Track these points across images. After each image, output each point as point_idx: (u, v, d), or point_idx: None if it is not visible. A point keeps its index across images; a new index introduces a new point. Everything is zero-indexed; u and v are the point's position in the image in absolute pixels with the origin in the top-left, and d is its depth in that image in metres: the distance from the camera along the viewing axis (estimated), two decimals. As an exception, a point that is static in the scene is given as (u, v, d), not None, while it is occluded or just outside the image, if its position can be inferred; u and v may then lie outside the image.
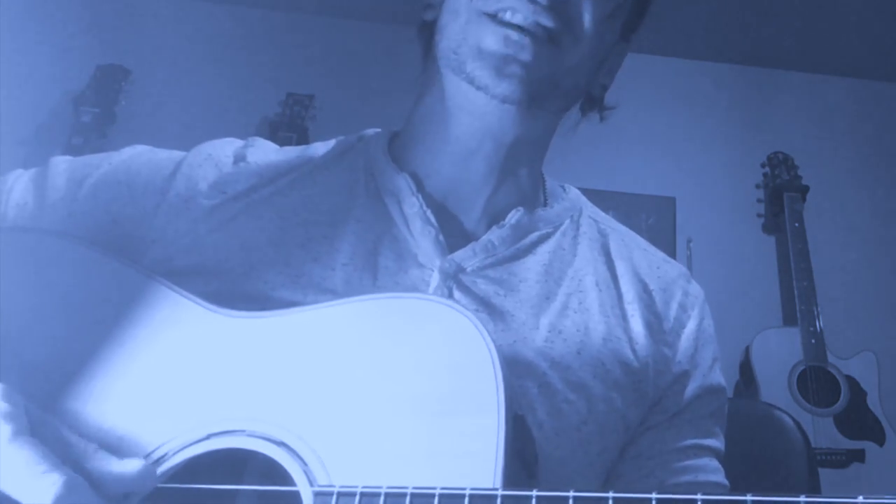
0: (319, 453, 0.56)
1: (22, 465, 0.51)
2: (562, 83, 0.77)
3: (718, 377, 0.82)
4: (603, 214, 0.88)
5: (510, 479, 0.53)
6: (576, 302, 0.78)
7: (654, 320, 0.79)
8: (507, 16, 0.72)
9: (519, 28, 0.72)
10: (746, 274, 2.81)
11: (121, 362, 0.62)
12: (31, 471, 0.51)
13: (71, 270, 0.68)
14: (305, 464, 0.56)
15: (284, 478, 0.57)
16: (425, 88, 0.82)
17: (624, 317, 0.78)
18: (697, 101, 3.06)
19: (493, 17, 0.73)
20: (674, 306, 0.81)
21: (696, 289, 0.84)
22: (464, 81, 0.74)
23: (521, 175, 0.82)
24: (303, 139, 2.59)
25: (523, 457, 0.59)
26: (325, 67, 2.89)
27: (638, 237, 0.88)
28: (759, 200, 2.87)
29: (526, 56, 0.72)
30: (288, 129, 2.60)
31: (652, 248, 0.87)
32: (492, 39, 0.72)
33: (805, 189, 2.73)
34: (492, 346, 0.57)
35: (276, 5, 2.93)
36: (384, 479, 0.53)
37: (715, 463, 0.79)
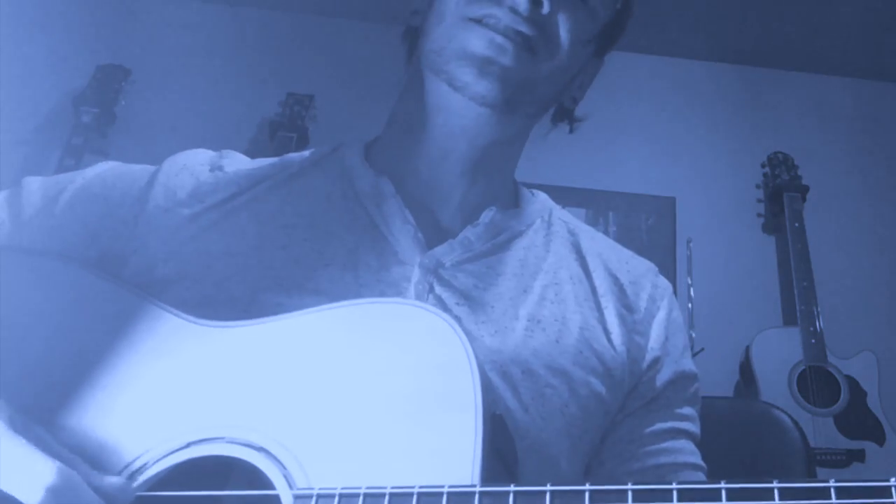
0: (299, 457, 0.57)
1: (13, 457, 0.52)
2: (536, 90, 0.80)
3: (690, 364, 0.86)
4: (571, 216, 0.93)
5: (490, 478, 0.54)
6: (552, 293, 0.81)
7: (625, 311, 0.83)
8: (492, 22, 0.76)
9: (504, 31, 0.76)
10: (746, 274, 2.81)
11: (101, 374, 0.63)
12: (22, 462, 0.51)
13: (51, 286, 0.69)
14: (285, 468, 0.57)
15: (268, 484, 0.57)
16: (405, 92, 0.86)
17: (598, 308, 0.82)
18: (697, 101, 3.06)
19: (479, 22, 0.76)
20: (644, 297, 0.85)
21: (663, 282, 0.89)
22: (443, 82, 0.78)
23: (494, 177, 0.86)
24: (303, 139, 2.60)
25: (503, 456, 0.60)
26: (325, 67, 2.89)
27: (605, 237, 0.93)
28: (759, 200, 2.87)
29: (507, 60, 0.76)
30: (288, 129, 2.60)
31: (619, 246, 0.91)
32: (477, 42, 0.76)
33: (805, 189, 2.73)
34: (468, 347, 0.58)
35: (276, 5, 2.93)
36: (364, 480, 0.54)
37: (691, 445, 0.83)
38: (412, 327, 0.60)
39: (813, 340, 2.45)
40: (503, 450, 0.60)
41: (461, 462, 0.54)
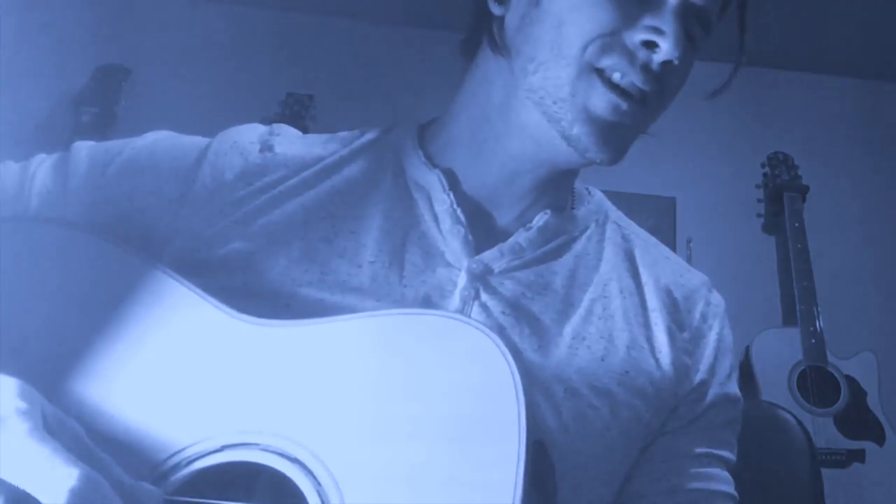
0: (334, 473, 0.55)
1: (38, 459, 0.50)
2: (640, 133, 0.77)
3: (735, 387, 0.82)
4: (626, 219, 0.88)
5: None
6: (600, 308, 0.77)
7: (676, 329, 0.79)
8: (616, 77, 0.70)
9: (623, 93, 0.71)
10: (746, 274, 2.81)
11: (139, 365, 0.62)
12: (46, 465, 0.50)
13: (92, 268, 0.66)
14: (319, 483, 0.55)
15: (295, 495, 0.56)
16: (479, 89, 0.79)
17: (647, 325, 0.78)
18: (697, 101, 3.06)
19: (602, 75, 0.71)
20: (696, 315, 0.81)
21: (717, 298, 0.85)
22: (553, 128, 0.73)
23: (562, 187, 0.83)
24: (303, 139, 2.59)
25: (542, 486, 0.58)
26: (325, 67, 2.89)
27: (660, 244, 0.88)
28: (759, 200, 2.86)
29: (626, 121, 0.72)
30: (288, 129, 2.59)
31: (674, 256, 0.87)
32: (600, 103, 0.71)
33: (805, 189, 2.73)
34: (515, 370, 0.55)
35: (277, 5, 2.93)
36: None
37: (726, 474, 0.79)
38: (458, 344, 0.57)
39: (813, 340, 2.45)
40: (542, 479, 0.58)
41: (501, 494, 0.52)
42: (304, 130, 2.86)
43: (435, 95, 1.04)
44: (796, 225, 2.62)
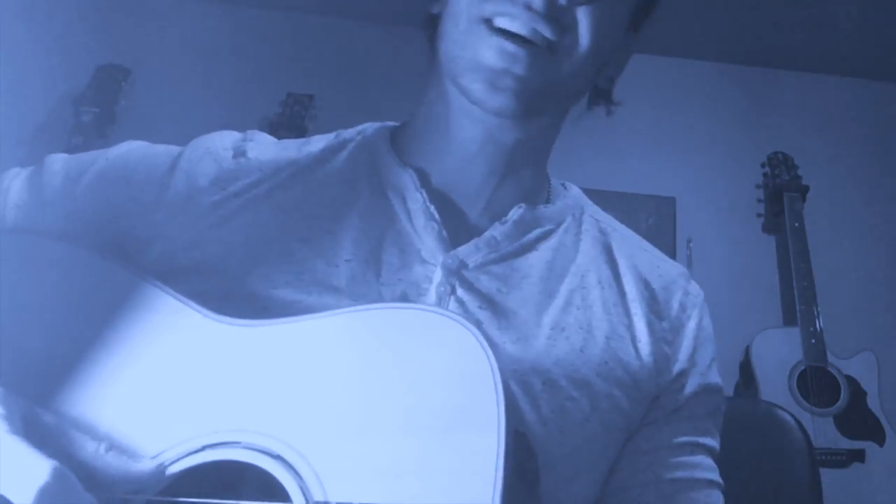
0: (316, 468, 0.56)
1: (9, 460, 0.51)
2: (560, 91, 0.76)
3: (716, 377, 0.82)
4: (603, 213, 0.88)
5: (510, 498, 0.52)
6: (578, 298, 0.78)
7: (655, 319, 0.79)
8: (504, 22, 0.70)
9: (515, 37, 0.70)
10: (746, 274, 2.81)
11: (118, 369, 0.62)
12: (17, 464, 0.51)
13: (70, 275, 0.67)
14: (301, 479, 0.55)
15: (281, 492, 0.56)
16: (429, 86, 0.81)
17: (627, 315, 0.79)
18: (697, 101, 3.06)
19: (489, 24, 0.70)
20: (674, 305, 0.81)
21: (695, 288, 0.84)
22: (461, 92, 0.74)
23: (525, 174, 0.82)
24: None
25: (524, 475, 0.59)
26: (325, 67, 2.89)
27: (638, 237, 0.88)
28: (759, 200, 2.86)
29: (520, 69, 0.70)
30: (288, 129, 2.59)
31: (651, 248, 0.87)
32: (488, 52, 0.70)
33: (805, 189, 2.73)
34: (493, 361, 0.56)
35: (276, 5, 2.93)
36: (381, 497, 0.53)
37: (710, 461, 0.79)
38: (436, 337, 0.58)
39: (813, 340, 2.45)
40: (524, 469, 0.59)
41: (482, 483, 0.52)
42: (304, 130, 2.85)
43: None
44: (796, 225, 2.62)
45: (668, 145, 2.98)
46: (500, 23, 0.70)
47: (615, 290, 0.80)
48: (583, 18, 0.72)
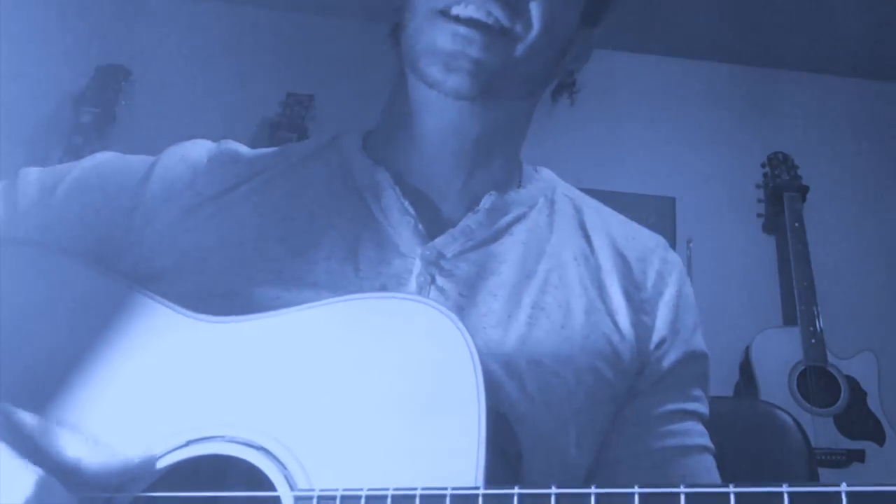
0: (299, 457, 0.56)
1: None
2: (517, 73, 0.78)
3: (700, 343, 0.83)
4: (577, 191, 0.90)
5: (493, 477, 0.53)
6: (556, 277, 0.79)
7: (632, 289, 0.81)
8: (458, 9, 0.73)
9: (469, 21, 0.73)
10: (746, 274, 2.81)
11: (100, 372, 0.63)
12: (1, 474, 0.51)
13: (51, 281, 0.68)
14: (285, 468, 0.56)
15: (266, 483, 0.56)
16: (394, 87, 0.84)
17: (602, 288, 0.80)
18: (697, 101, 3.06)
19: (445, 14, 0.74)
20: (651, 275, 0.82)
21: (673, 256, 0.86)
22: (420, 80, 0.77)
23: (495, 164, 0.84)
24: (303, 139, 2.59)
25: (506, 454, 0.60)
26: (325, 67, 2.89)
27: (612, 211, 0.89)
28: (759, 200, 2.87)
29: (474, 51, 0.73)
30: (288, 129, 2.59)
31: (627, 221, 0.88)
32: (442, 37, 0.74)
33: (805, 189, 2.73)
34: (471, 344, 0.57)
35: (276, 5, 2.93)
36: (366, 481, 0.53)
37: (699, 427, 0.81)
38: (414, 323, 0.59)
39: (813, 340, 2.45)
40: (507, 449, 0.60)
41: (464, 463, 0.53)
42: (304, 130, 2.86)
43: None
44: (796, 225, 2.62)
45: (668, 145, 2.98)
46: (455, 10, 0.74)
47: (591, 265, 0.81)
48: (535, 5, 0.75)
